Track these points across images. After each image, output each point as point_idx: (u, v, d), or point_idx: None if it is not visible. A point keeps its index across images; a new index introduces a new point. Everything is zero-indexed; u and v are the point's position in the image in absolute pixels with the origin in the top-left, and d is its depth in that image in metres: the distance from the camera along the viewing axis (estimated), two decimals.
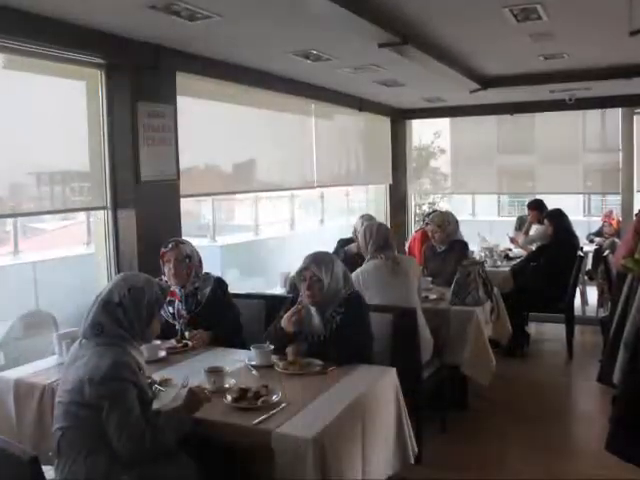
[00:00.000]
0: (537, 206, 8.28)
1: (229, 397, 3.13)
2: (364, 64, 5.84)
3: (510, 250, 8.24)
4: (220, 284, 4.49)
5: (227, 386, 3.32)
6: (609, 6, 4.25)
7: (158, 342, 3.87)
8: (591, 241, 9.44)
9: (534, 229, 8.17)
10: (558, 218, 7.31)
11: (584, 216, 17.39)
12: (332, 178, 8.13)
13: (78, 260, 6.98)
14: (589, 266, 8.89)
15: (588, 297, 8.92)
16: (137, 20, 4.18)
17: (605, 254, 6.98)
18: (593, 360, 6.28)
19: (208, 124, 5.71)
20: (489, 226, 14.18)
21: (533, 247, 7.82)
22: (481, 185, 10.13)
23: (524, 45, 5.28)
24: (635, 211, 7.89)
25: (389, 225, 8.65)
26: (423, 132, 12.26)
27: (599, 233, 9.59)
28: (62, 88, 4.57)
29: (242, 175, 6.53)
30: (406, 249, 7.80)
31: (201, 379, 3.35)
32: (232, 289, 4.65)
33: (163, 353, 3.96)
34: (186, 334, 4.22)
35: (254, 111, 6.41)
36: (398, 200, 9.76)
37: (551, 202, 8.24)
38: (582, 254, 7.58)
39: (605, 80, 6.70)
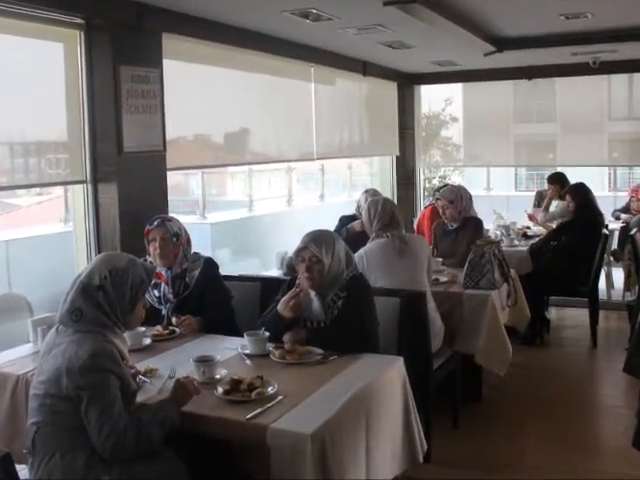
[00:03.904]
0: (558, 180, 8.27)
1: (220, 389, 3.12)
2: (368, 24, 5.78)
3: (528, 228, 8.23)
4: (210, 265, 4.48)
5: (218, 377, 3.32)
6: None
7: (142, 329, 3.87)
8: (617, 218, 9.40)
9: (554, 205, 8.16)
10: (581, 193, 7.27)
11: (609, 191, 17.34)
12: (333, 149, 8.10)
13: (55, 239, 6.95)
14: (615, 246, 8.86)
15: (614, 279, 8.91)
16: None
17: (632, 232, 6.96)
18: (619, 348, 6.31)
19: (197, 90, 5.67)
20: (505, 202, 14.15)
21: (553, 225, 7.81)
22: (496, 157, 10.10)
23: (543, 3, 5.24)
24: None
25: (395, 201, 8.63)
26: (433, 99, 12.18)
27: (626, 209, 9.55)
28: (37, 50, 4.52)
29: (234, 146, 6.50)
30: (414, 227, 7.78)
31: (190, 369, 3.35)
32: (224, 270, 4.66)
33: (148, 341, 3.95)
34: (173, 320, 4.21)
35: (248, 76, 6.36)
36: (405, 173, 9.74)
37: (573, 175, 8.22)
38: (607, 232, 7.55)
39: (633, 42, 6.66)
